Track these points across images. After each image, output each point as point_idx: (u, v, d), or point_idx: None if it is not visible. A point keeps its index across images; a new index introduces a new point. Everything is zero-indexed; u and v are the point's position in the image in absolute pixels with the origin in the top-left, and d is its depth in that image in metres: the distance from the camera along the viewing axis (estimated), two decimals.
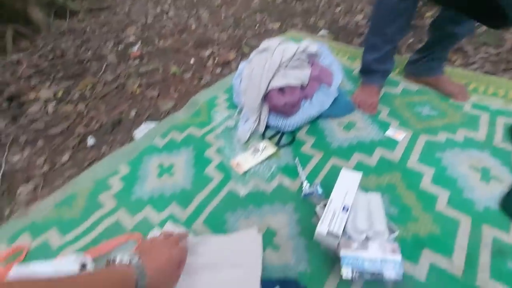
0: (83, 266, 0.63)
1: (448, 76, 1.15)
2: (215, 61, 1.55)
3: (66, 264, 0.63)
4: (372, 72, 1.07)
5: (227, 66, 1.50)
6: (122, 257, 0.47)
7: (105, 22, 2.37)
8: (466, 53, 1.41)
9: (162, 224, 0.76)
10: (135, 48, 1.84)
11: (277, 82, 0.91)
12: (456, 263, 0.62)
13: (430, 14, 1.73)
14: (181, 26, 2.07)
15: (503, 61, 1.32)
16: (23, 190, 0.97)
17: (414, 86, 1.17)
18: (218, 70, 1.48)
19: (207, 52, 1.64)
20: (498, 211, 0.71)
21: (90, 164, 1.02)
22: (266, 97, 0.96)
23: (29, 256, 0.72)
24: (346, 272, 0.57)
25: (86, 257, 0.66)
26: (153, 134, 1.06)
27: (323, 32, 1.68)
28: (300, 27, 1.80)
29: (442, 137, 0.92)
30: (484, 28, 1.55)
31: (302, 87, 0.95)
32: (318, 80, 0.97)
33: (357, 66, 1.31)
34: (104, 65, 1.69)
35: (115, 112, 1.29)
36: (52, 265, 0.64)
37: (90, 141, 1.14)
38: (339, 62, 1.09)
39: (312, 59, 1.02)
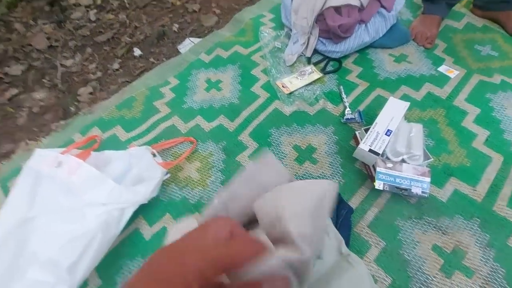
0: (154, 155, 0.75)
1: None
2: None
3: (138, 151, 0.75)
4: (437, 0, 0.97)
5: None
6: None
7: None
8: None
9: (212, 132, 0.85)
10: None
11: (335, 1, 0.85)
12: (478, 191, 0.69)
13: None
14: None
15: None
16: (83, 91, 1.07)
17: (479, 22, 1.06)
18: None
19: None
20: None
21: (140, 73, 1.08)
22: (319, 17, 0.91)
23: (102, 145, 0.85)
24: (379, 185, 0.65)
25: (153, 149, 0.77)
26: (198, 50, 1.08)
27: None
28: None
29: (497, 78, 0.89)
30: None
31: (360, 9, 0.89)
32: (378, 2, 0.90)
33: None
34: None
35: (157, 24, 1.28)
36: (126, 152, 0.76)
37: (137, 51, 1.17)
38: None
39: None
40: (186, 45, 1.13)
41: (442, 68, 0.92)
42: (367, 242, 0.64)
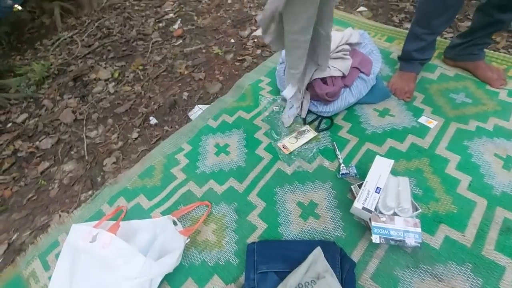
0: (174, 223, 0.85)
1: (488, 62, 1.17)
2: (255, 42, 1.63)
3: (162, 221, 0.85)
4: (411, 60, 1.12)
5: (267, 47, 1.57)
6: None
7: None
8: None
9: (224, 194, 0.95)
10: (176, 26, 1.94)
11: (321, 74, 1.00)
12: (467, 236, 0.76)
13: None
14: (217, 1, 2.10)
15: None
16: (108, 162, 1.20)
17: (451, 71, 1.20)
18: (259, 51, 1.56)
19: (246, 32, 1.70)
20: None
21: (157, 141, 1.23)
22: (309, 85, 1.06)
23: (128, 215, 0.96)
24: (375, 238, 0.74)
25: (173, 217, 0.88)
26: (206, 116, 1.23)
27: (362, 8, 1.66)
28: (339, 2, 1.77)
29: (472, 125, 1.00)
30: None
31: (343, 76, 1.04)
32: (358, 69, 1.05)
33: (395, 48, 1.34)
34: (150, 45, 1.83)
35: (168, 93, 1.46)
36: (151, 221, 0.87)
37: (152, 120, 1.33)
38: (378, 50, 1.14)
39: (353, 47, 1.09)
40: (196, 112, 1.29)
41: (422, 119, 1.04)
42: None
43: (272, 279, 0.73)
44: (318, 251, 0.73)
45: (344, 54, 1.03)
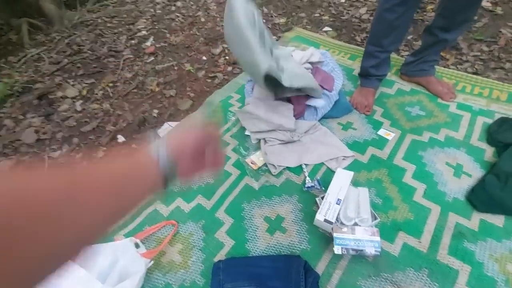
0: (136, 245, 0.82)
1: (439, 77, 1.27)
2: (226, 59, 1.67)
3: (123, 244, 0.82)
4: (369, 76, 1.19)
5: (238, 64, 1.62)
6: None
7: (115, 13, 2.44)
8: (460, 50, 1.50)
9: (191, 212, 0.94)
10: (148, 43, 1.95)
11: (286, 93, 1.04)
12: (423, 243, 0.80)
13: (431, 7, 1.79)
14: (190, 19, 2.14)
15: (494, 59, 1.42)
16: None
17: (407, 86, 1.29)
18: (230, 68, 1.60)
19: (218, 50, 1.74)
20: (464, 202, 0.88)
21: None
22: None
23: None
24: (337, 249, 0.75)
25: (136, 239, 0.85)
26: None
27: (327, 28, 1.76)
28: (306, 22, 1.87)
29: (426, 136, 1.07)
30: (482, 23, 1.63)
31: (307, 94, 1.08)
32: (321, 86, 1.10)
33: (357, 65, 1.42)
34: (121, 62, 1.82)
35: (138, 111, 1.44)
36: (111, 245, 0.83)
37: (121, 138, 1.30)
38: (340, 67, 1.21)
39: (315, 66, 1.15)
40: (165, 129, 1.28)
41: (381, 132, 1.10)
42: None
43: None
44: None
45: None
